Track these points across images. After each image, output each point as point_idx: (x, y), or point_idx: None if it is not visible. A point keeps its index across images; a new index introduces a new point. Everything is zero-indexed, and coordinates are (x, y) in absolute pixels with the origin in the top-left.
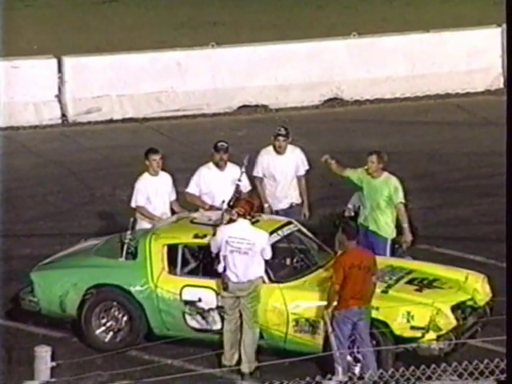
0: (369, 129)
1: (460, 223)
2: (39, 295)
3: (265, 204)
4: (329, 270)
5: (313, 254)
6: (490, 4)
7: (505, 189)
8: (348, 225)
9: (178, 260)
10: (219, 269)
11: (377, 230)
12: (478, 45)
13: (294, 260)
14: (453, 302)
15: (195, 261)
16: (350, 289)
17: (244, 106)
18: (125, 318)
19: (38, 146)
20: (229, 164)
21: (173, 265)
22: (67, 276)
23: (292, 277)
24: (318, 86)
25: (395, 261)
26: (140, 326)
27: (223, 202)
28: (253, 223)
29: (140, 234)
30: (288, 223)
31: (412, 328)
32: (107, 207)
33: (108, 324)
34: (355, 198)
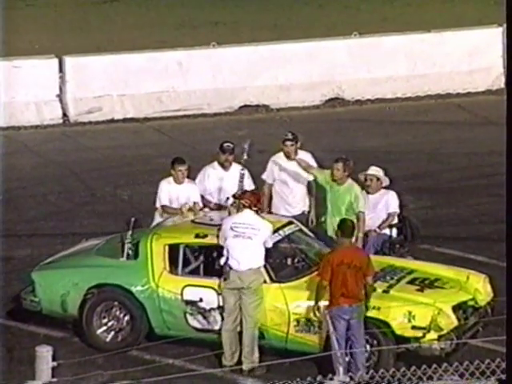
0: (370, 129)
1: (461, 223)
2: (40, 295)
3: (263, 212)
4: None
5: (314, 254)
6: (491, 4)
7: (505, 188)
8: (344, 222)
9: (179, 260)
10: (221, 261)
11: (333, 236)
12: (479, 45)
13: (296, 260)
14: (454, 302)
15: (196, 261)
16: (339, 287)
17: (245, 106)
18: (126, 318)
19: (39, 146)
20: (233, 164)
21: (174, 265)
22: (68, 276)
23: (293, 277)
24: (319, 86)
25: (396, 261)
26: (141, 326)
27: (228, 199)
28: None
29: (141, 234)
30: (289, 223)
31: (413, 328)
32: (108, 207)
33: (109, 324)
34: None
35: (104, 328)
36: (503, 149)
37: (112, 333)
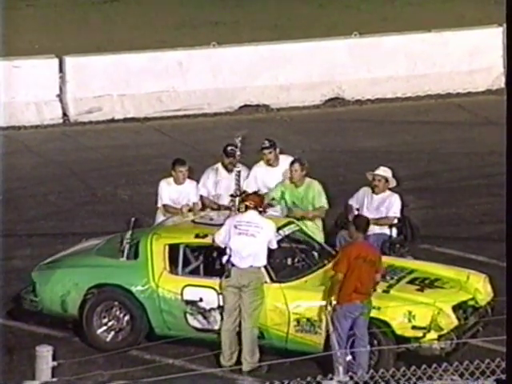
0: (370, 129)
1: (461, 223)
2: (40, 295)
3: (266, 212)
4: (330, 270)
5: (314, 254)
6: (491, 4)
7: (505, 188)
8: (358, 217)
9: (180, 260)
10: (224, 259)
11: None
12: (480, 44)
13: (296, 260)
14: (454, 302)
15: (196, 261)
16: (354, 281)
17: (245, 106)
18: (126, 318)
19: (40, 146)
20: (239, 165)
21: (174, 264)
22: (68, 276)
23: (293, 276)
24: (319, 86)
25: (396, 260)
26: (141, 326)
27: (232, 199)
28: None
29: (141, 234)
30: (289, 223)
31: (413, 328)
32: (108, 207)
33: (109, 324)
34: (361, 194)
35: (104, 328)
36: (503, 149)
37: (112, 333)
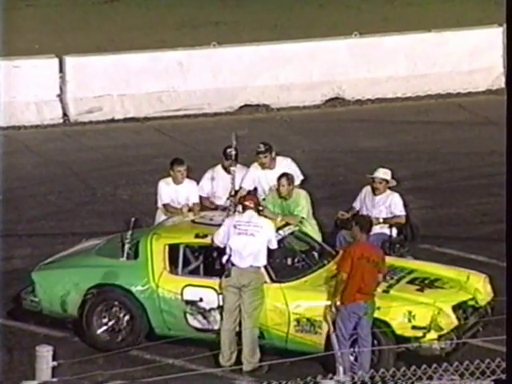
0: (370, 129)
1: (461, 223)
2: (40, 295)
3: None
4: (330, 270)
5: (314, 254)
6: (491, 4)
7: (505, 188)
8: (362, 217)
9: (180, 260)
10: (224, 259)
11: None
12: (480, 44)
13: (295, 260)
14: (454, 302)
15: (196, 261)
16: (357, 281)
17: (245, 106)
18: (126, 318)
19: (40, 146)
20: (238, 165)
21: (174, 265)
22: (68, 276)
23: (293, 276)
24: (320, 86)
25: (396, 260)
26: (141, 326)
27: (229, 199)
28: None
29: (141, 234)
30: (289, 223)
31: (413, 328)
32: (108, 207)
33: (109, 324)
34: (362, 195)
35: (104, 328)
36: (503, 149)
37: (112, 333)
